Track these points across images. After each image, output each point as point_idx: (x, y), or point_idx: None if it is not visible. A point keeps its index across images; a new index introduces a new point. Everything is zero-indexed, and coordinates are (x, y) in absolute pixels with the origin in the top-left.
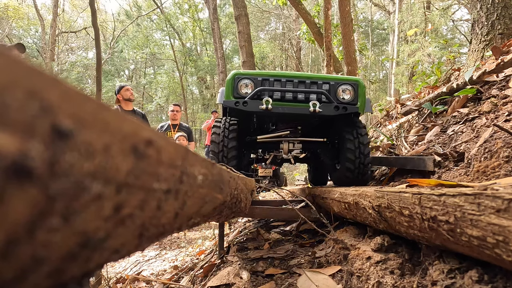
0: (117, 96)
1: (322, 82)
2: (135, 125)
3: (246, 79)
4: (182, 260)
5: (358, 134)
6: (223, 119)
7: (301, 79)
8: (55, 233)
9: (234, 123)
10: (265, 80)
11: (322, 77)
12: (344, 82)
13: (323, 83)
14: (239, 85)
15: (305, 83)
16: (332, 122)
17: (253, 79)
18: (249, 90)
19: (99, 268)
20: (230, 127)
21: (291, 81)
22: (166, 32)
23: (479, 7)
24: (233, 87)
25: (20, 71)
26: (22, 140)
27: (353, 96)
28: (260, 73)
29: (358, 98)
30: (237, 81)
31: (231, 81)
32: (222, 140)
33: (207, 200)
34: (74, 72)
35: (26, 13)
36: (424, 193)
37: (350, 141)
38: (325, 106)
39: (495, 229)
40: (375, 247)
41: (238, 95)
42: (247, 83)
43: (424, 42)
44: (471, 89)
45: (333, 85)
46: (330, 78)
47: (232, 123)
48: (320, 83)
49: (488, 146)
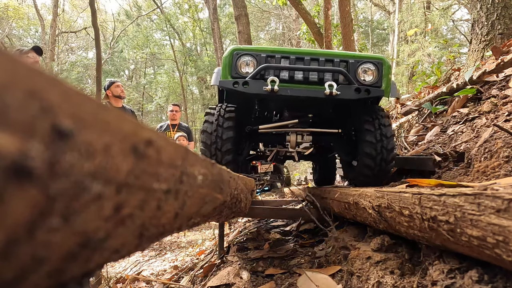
0: (107, 92)
1: (339, 60)
2: (135, 125)
3: (247, 56)
4: (182, 260)
5: (381, 125)
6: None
7: (313, 56)
8: (55, 233)
9: (231, 110)
10: (270, 58)
11: (339, 54)
12: (365, 60)
13: (340, 61)
14: (239, 62)
15: (319, 61)
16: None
17: (256, 56)
18: (251, 69)
19: (99, 268)
20: (226, 114)
21: (302, 58)
22: (166, 32)
23: (479, 7)
24: (231, 65)
25: (20, 71)
26: (22, 140)
27: (376, 77)
28: (264, 48)
29: (382, 80)
30: (236, 58)
31: (229, 57)
32: (216, 130)
33: (207, 200)
34: (74, 72)
35: (26, 13)
36: (424, 193)
37: (370, 133)
38: (344, 88)
39: (495, 229)
40: (375, 247)
41: (238, 75)
42: (248, 61)
43: (424, 42)
44: (471, 89)
45: (352, 64)
46: (349, 55)
47: (229, 110)
48: (337, 61)
49: (488, 146)
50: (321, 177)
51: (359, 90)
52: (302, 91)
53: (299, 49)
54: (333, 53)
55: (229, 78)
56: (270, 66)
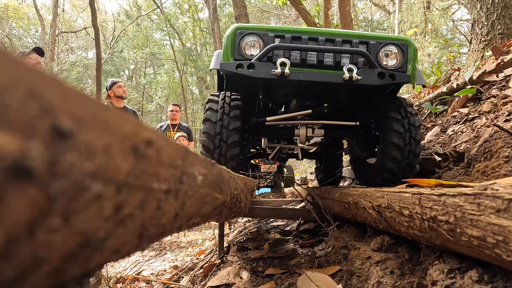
0: (108, 92)
1: (359, 41)
2: (135, 125)
3: (253, 36)
4: (182, 260)
5: (408, 112)
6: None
7: (329, 37)
8: (55, 233)
9: (237, 98)
10: (279, 38)
11: (358, 34)
12: (388, 42)
13: (359, 42)
14: (243, 43)
15: (335, 43)
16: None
17: (263, 36)
18: (257, 51)
19: (99, 268)
20: (232, 102)
21: (315, 39)
22: (166, 32)
23: (479, 7)
24: (234, 46)
25: (20, 71)
26: (22, 140)
27: (400, 61)
28: (272, 28)
29: (407, 64)
30: (239, 37)
31: (232, 37)
32: (221, 119)
33: (207, 200)
34: (74, 72)
35: (26, 13)
36: (424, 193)
37: (396, 121)
38: (365, 72)
39: (495, 229)
40: (375, 247)
41: (241, 58)
42: (254, 42)
43: (424, 42)
44: (471, 89)
45: (373, 46)
46: (370, 36)
47: (235, 98)
48: (356, 42)
49: (488, 146)
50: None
51: (382, 75)
52: (318, 75)
53: (312, 29)
54: (351, 34)
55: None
56: (281, 46)
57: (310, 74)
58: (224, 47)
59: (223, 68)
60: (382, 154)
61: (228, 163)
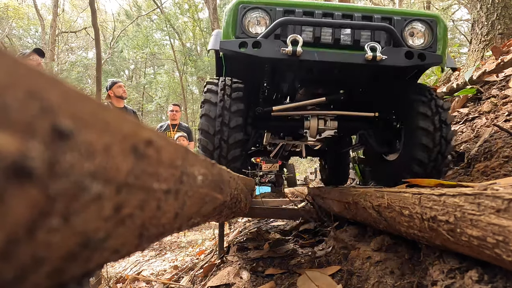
0: (109, 92)
1: (381, 17)
2: (135, 125)
3: (258, 11)
4: (182, 260)
5: (438, 107)
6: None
7: (346, 12)
8: (55, 233)
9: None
10: (289, 13)
11: (379, 9)
12: (415, 18)
13: (381, 18)
14: (246, 20)
15: (353, 18)
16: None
17: (269, 11)
18: (263, 29)
19: (99, 268)
20: (233, 93)
21: (331, 14)
22: (166, 32)
23: (479, 7)
24: (236, 23)
25: (20, 71)
26: (22, 140)
27: (429, 41)
28: (280, 1)
29: (437, 44)
30: (242, 12)
31: (233, 12)
32: (221, 115)
33: (207, 200)
34: (74, 72)
35: (26, 13)
36: (424, 193)
37: (426, 118)
38: (390, 52)
39: (495, 229)
40: (375, 247)
41: (245, 36)
42: (259, 17)
43: None
44: (471, 89)
45: (398, 22)
46: (393, 11)
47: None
48: (377, 18)
49: (488, 146)
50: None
51: (410, 55)
52: (335, 55)
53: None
54: (372, 9)
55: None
56: (292, 21)
57: (327, 53)
58: (225, 24)
59: (223, 47)
60: (405, 153)
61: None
